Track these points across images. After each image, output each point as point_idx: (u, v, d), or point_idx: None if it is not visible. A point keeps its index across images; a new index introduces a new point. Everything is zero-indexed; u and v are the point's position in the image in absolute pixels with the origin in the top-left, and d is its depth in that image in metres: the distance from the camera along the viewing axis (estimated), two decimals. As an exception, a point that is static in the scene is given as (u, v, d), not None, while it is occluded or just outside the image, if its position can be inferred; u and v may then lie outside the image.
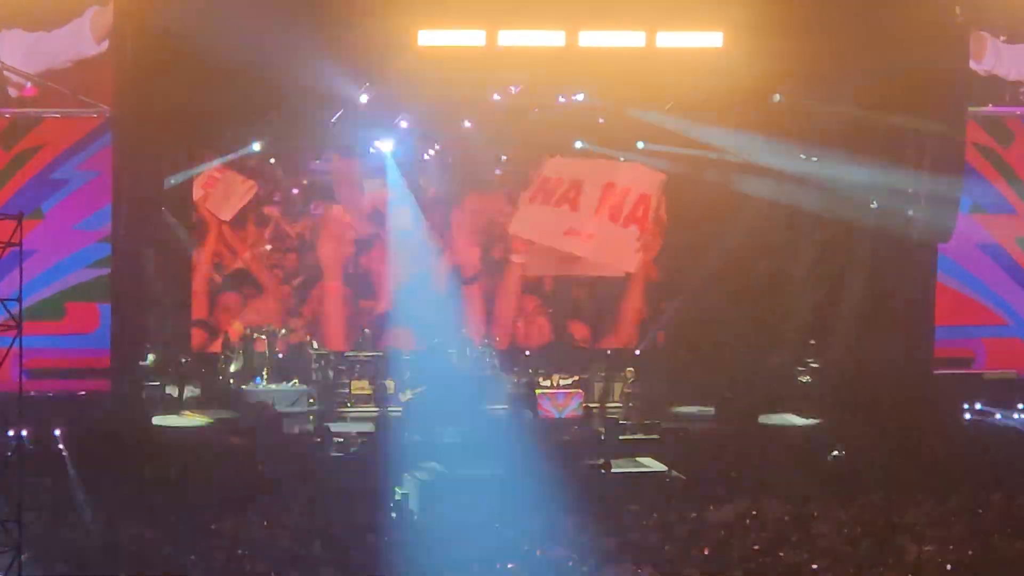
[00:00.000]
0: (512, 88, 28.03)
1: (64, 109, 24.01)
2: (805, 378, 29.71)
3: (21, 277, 18.46)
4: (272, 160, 30.09)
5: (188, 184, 29.17)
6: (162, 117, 24.88)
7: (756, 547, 19.92)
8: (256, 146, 28.70)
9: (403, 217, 30.55)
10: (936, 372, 26.78)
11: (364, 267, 30.91)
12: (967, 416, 26.71)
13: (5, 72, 23.85)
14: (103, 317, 24.21)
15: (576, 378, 29.17)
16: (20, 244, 18.42)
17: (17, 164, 23.97)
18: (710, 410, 28.23)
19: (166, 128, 25.55)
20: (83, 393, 24.27)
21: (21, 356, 18.23)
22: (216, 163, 29.39)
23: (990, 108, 26.46)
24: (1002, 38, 26.12)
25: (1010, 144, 26.59)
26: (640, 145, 30.15)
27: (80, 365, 24.24)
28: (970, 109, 26.18)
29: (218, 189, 29.86)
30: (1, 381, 19.00)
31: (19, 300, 18.47)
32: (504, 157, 31.08)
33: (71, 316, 24.11)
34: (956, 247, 26.48)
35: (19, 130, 24.07)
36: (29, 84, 23.93)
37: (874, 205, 27.82)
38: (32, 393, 18.61)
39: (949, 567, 19.02)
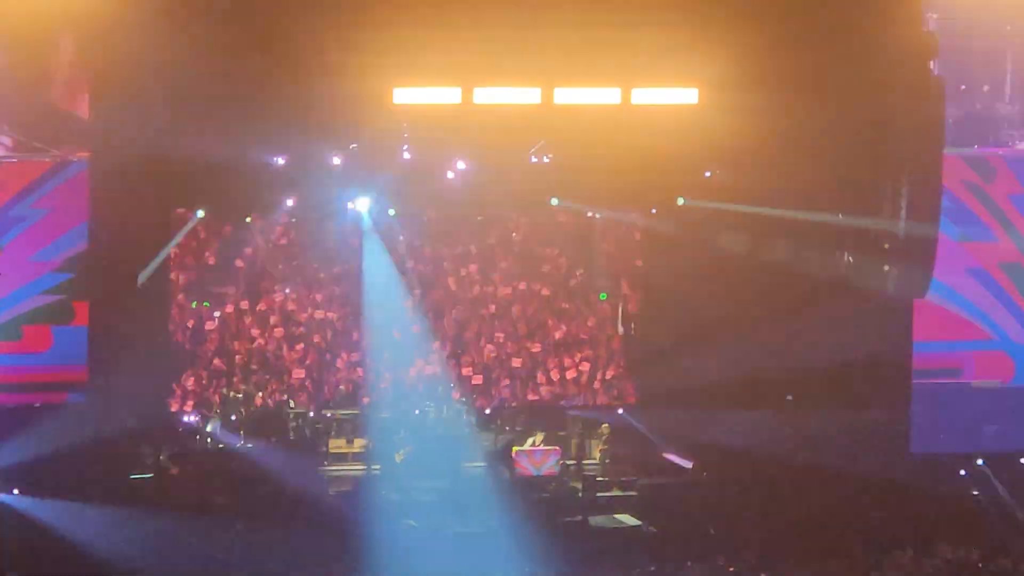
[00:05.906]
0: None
1: (19, 154, 26.49)
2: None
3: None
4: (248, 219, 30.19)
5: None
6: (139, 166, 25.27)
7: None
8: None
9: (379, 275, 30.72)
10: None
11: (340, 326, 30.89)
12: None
13: None
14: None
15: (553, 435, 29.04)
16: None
17: None
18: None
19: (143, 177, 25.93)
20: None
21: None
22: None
23: (976, 149, 28.67)
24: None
25: (993, 180, 28.66)
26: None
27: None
28: (957, 149, 28.00)
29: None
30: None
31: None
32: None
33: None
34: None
35: None
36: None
37: (849, 259, 27.93)
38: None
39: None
